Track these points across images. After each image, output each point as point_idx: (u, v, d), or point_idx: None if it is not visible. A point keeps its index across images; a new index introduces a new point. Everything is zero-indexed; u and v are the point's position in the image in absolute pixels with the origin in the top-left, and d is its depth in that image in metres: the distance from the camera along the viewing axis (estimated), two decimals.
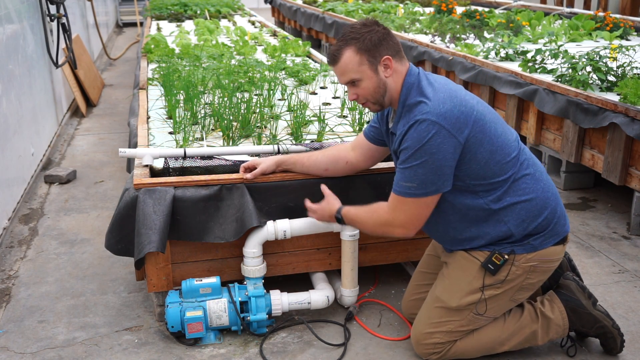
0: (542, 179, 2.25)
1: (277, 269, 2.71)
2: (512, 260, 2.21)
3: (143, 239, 2.39)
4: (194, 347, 2.49)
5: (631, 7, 10.62)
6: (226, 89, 3.63)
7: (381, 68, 2.19)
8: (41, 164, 4.51)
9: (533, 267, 2.23)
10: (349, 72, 2.19)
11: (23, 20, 4.48)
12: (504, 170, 2.16)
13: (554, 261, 2.28)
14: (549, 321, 2.35)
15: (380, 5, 8.93)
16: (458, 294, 2.28)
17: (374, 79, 2.19)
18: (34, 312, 2.75)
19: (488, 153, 2.13)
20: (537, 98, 4.25)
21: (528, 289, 2.29)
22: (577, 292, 2.37)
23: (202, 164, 2.65)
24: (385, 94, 2.22)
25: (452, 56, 5.52)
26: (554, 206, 2.24)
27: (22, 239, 3.47)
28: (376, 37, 2.17)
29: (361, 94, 2.23)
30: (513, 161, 2.18)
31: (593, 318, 2.35)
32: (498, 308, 2.29)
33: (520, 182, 2.19)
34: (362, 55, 2.17)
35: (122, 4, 13.72)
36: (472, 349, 2.34)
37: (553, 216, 2.23)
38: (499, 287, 2.24)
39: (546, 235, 2.22)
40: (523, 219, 2.19)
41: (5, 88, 3.78)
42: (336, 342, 2.51)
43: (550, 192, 2.24)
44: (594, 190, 4.21)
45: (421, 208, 2.17)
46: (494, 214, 2.20)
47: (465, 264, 2.28)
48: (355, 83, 2.22)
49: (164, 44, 5.68)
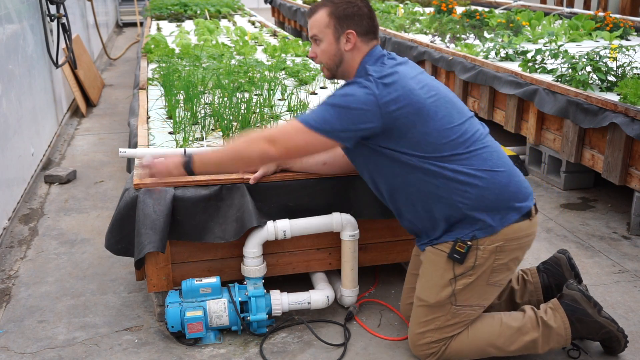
0: (491, 158, 2.23)
1: (277, 269, 2.71)
2: (475, 245, 2.21)
3: (143, 239, 2.39)
4: (194, 347, 2.49)
5: (631, 7, 10.62)
6: (226, 89, 3.63)
7: (343, 39, 2.30)
8: (41, 164, 4.51)
9: (499, 247, 2.21)
10: (314, 28, 2.33)
11: (23, 20, 4.48)
12: (443, 149, 2.18)
13: (522, 238, 2.25)
14: (550, 330, 2.31)
15: (380, 5, 8.93)
16: (434, 289, 2.29)
17: (333, 45, 2.31)
18: (34, 312, 2.75)
19: (421, 135, 2.17)
20: (537, 98, 4.25)
21: (503, 270, 2.27)
22: (583, 302, 2.34)
23: None
24: (340, 65, 2.33)
25: (452, 56, 5.52)
26: (505, 183, 2.21)
27: (22, 239, 3.47)
28: (351, 10, 2.29)
29: (319, 54, 2.34)
30: (454, 142, 2.19)
31: (599, 325, 2.33)
32: (477, 295, 2.27)
33: (465, 160, 2.19)
34: (331, 19, 2.29)
35: (122, 4, 13.72)
36: (467, 349, 2.31)
37: (503, 193, 2.20)
38: (471, 275, 2.24)
39: (502, 213, 2.20)
40: (470, 197, 2.19)
41: (5, 88, 3.78)
42: (336, 342, 2.51)
43: (501, 171, 2.22)
44: (594, 190, 4.21)
45: (303, 140, 2.20)
46: (440, 191, 2.20)
47: (434, 258, 2.29)
48: (317, 42, 2.34)
49: (164, 44, 5.68)
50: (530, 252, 3.31)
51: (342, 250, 2.64)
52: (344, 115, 2.16)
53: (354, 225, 2.61)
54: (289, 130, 2.24)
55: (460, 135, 2.21)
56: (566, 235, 3.53)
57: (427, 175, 2.20)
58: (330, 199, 2.62)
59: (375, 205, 2.63)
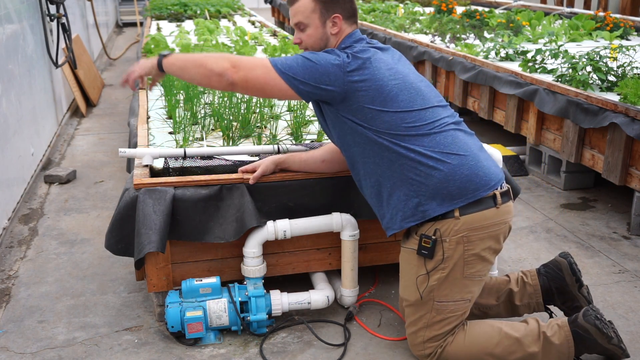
0: (446, 142, 2.23)
1: (277, 269, 2.71)
2: (440, 238, 2.21)
3: (143, 239, 2.39)
4: (194, 347, 2.49)
5: (631, 7, 10.62)
6: None
7: (329, 23, 2.35)
8: (41, 164, 4.51)
9: (465, 237, 2.20)
10: (299, 15, 2.36)
11: (23, 20, 4.48)
12: (397, 129, 2.22)
13: (490, 226, 2.23)
14: (551, 347, 2.25)
15: (380, 5, 8.92)
16: (412, 287, 2.30)
17: (319, 29, 2.35)
18: (34, 312, 2.75)
19: (376, 112, 2.22)
20: (537, 98, 4.25)
21: (477, 261, 2.24)
22: (596, 335, 2.24)
23: (202, 164, 2.65)
24: (325, 47, 2.37)
25: (452, 56, 5.52)
26: (456, 165, 2.20)
27: (22, 239, 3.47)
28: None
29: (304, 40, 2.38)
30: (409, 125, 2.22)
31: (603, 349, 2.27)
32: (457, 289, 2.26)
33: (416, 140, 2.22)
34: (316, 4, 2.33)
35: (122, 4, 13.72)
36: (463, 354, 2.28)
37: (453, 175, 2.20)
38: (444, 268, 2.23)
39: (452, 196, 2.19)
40: (420, 174, 2.20)
41: (5, 88, 3.78)
42: (336, 342, 2.51)
43: (454, 154, 2.22)
44: (594, 190, 4.21)
45: (263, 77, 2.24)
46: (394, 165, 2.23)
47: (407, 256, 2.31)
48: (302, 28, 2.37)
49: (164, 44, 5.68)
50: (530, 252, 3.31)
51: (342, 250, 2.64)
52: (310, 69, 2.23)
53: (354, 225, 2.61)
54: (255, 63, 2.27)
55: (417, 120, 2.24)
56: (566, 235, 3.53)
57: (381, 149, 2.25)
58: (330, 199, 2.62)
59: None
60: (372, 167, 2.29)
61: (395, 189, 2.26)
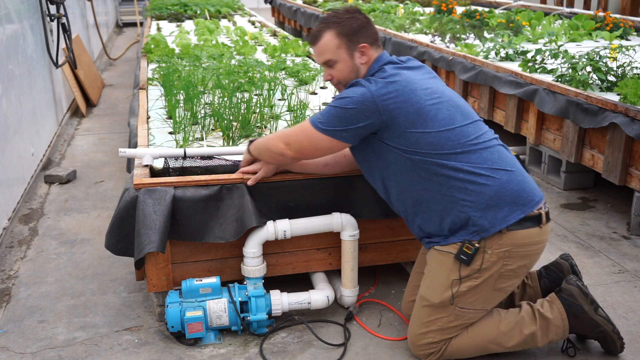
0: (492, 158, 2.24)
1: (277, 269, 2.71)
2: (483, 248, 2.21)
3: (143, 239, 2.39)
4: (194, 347, 2.49)
5: (631, 7, 10.62)
6: (226, 89, 3.63)
7: (357, 54, 2.35)
8: (41, 164, 4.51)
9: (507, 252, 2.21)
10: (326, 53, 2.35)
11: (23, 20, 4.48)
12: (442, 148, 2.21)
13: (532, 245, 2.24)
14: (547, 322, 2.33)
15: (380, 5, 8.92)
16: (439, 289, 2.28)
17: (348, 63, 2.35)
18: (34, 312, 2.75)
19: (420, 134, 2.21)
20: (537, 98, 4.25)
21: (510, 277, 2.27)
22: (580, 297, 2.35)
23: (202, 164, 2.65)
24: (357, 77, 2.36)
25: (452, 56, 5.52)
26: (505, 181, 2.21)
27: (22, 239, 3.47)
28: (356, 24, 2.34)
29: (335, 75, 2.39)
30: (454, 142, 2.21)
31: (594, 323, 2.34)
32: (482, 299, 2.28)
33: (463, 157, 2.21)
34: (341, 39, 2.33)
35: (122, 4, 13.72)
36: (467, 347, 2.33)
37: (504, 191, 2.20)
38: (477, 277, 2.24)
39: (503, 212, 2.19)
40: (470, 194, 2.19)
41: (5, 88, 3.78)
42: (336, 342, 2.51)
43: (501, 170, 2.23)
44: (594, 190, 4.21)
45: (310, 142, 2.32)
46: (443, 189, 2.22)
47: (441, 258, 2.29)
48: (331, 64, 2.37)
49: (164, 44, 5.68)
50: None
51: (342, 250, 2.64)
52: (343, 115, 2.24)
53: (354, 225, 2.61)
54: (298, 132, 2.36)
55: (461, 136, 2.23)
56: (566, 235, 3.53)
57: (429, 174, 2.23)
58: (330, 199, 2.62)
59: (375, 205, 2.63)
60: (421, 193, 2.27)
61: (446, 212, 2.25)
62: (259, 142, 2.50)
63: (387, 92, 2.22)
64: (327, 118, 2.27)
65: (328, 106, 2.30)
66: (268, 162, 2.50)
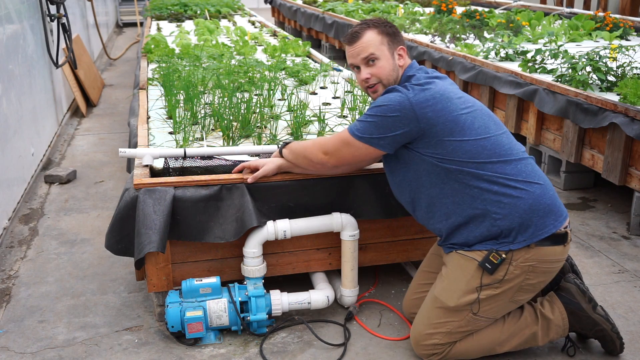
0: (526, 170, 2.24)
1: (277, 269, 2.71)
2: (509, 260, 2.21)
3: (143, 239, 2.39)
4: (194, 347, 2.49)
5: (631, 7, 10.62)
6: (226, 89, 3.63)
7: (396, 55, 2.37)
8: (41, 164, 4.51)
9: (532, 267, 2.22)
10: (370, 48, 2.34)
11: (23, 20, 4.48)
12: (479, 156, 2.21)
13: (554, 262, 2.26)
14: (548, 322, 2.34)
15: (380, 5, 8.93)
16: (456, 294, 2.28)
17: (390, 61, 2.36)
18: (34, 312, 2.75)
19: (458, 142, 2.21)
20: (537, 98, 4.25)
21: (528, 290, 2.28)
22: (578, 295, 2.37)
23: (202, 164, 2.65)
24: (397, 79, 2.37)
25: (452, 56, 5.52)
26: (539, 194, 2.21)
27: (22, 239, 3.47)
28: (393, 29, 2.41)
29: (376, 73, 2.36)
30: (490, 151, 2.21)
31: (592, 321, 2.35)
32: (497, 309, 2.29)
33: (499, 169, 2.21)
34: (383, 36, 2.36)
35: (122, 4, 13.72)
36: (472, 349, 2.33)
37: (537, 204, 2.20)
38: (497, 287, 2.24)
39: (535, 226, 2.19)
40: (504, 207, 2.19)
41: (5, 88, 3.78)
42: (336, 342, 2.51)
43: (535, 183, 2.23)
44: (594, 190, 4.21)
45: (349, 150, 2.33)
46: (476, 202, 2.21)
47: (463, 263, 2.28)
48: (373, 61, 2.35)
49: (164, 44, 5.68)
50: None
51: (342, 250, 2.64)
52: (380, 122, 2.24)
53: (354, 225, 2.61)
54: (336, 141, 2.37)
55: (496, 146, 2.23)
56: None
57: (462, 186, 2.23)
58: (330, 199, 2.62)
59: (375, 205, 2.63)
60: (452, 206, 2.27)
61: (477, 225, 2.24)
62: (296, 148, 2.49)
63: (425, 99, 2.21)
64: (365, 126, 2.27)
65: (365, 114, 2.30)
66: (305, 168, 2.51)
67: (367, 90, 2.42)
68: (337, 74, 4.58)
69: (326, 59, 5.22)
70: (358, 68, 2.39)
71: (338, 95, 4.00)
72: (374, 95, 2.40)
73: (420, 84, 2.26)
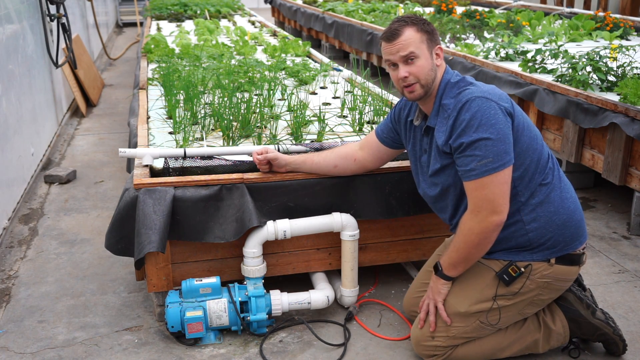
0: (562, 185, 2.25)
1: (277, 269, 2.71)
2: (527, 274, 2.21)
3: (143, 239, 2.39)
4: (194, 347, 2.49)
5: (631, 7, 10.62)
6: (226, 89, 3.63)
7: (434, 54, 2.26)
8: (41, 164, 4.51)
9: (547, 283, 2.22)
10: (410, 46, 2.20)
11: (23, 20, 4.48)
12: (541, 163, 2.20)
13: (567, 281, 2.28)
14: (550, 331, 2.35)
15: (380, 5, 8.93)
16: (468, 300, 2.26)
17: (429, 60, 2.24)
18: (34, 312, 2.75)
19: (528, 139, 2.17)
20: (537, 98, 4.25)
21: (537, 305, 2.29)
22: (576, 303, 2.37)
23: (202, 164, 2.65)
24: (434, 80, 2.25)
25: (452, 56, 5.52)
26: (573, 209, 2.23)
27: (22, 239, 3.47)
28: (431, 28, 2.28)
29: (414, 72, 2.22)
30: (539, 160, 2.20)
31: (593, 327, 2.35)
32: (506, 319, 2.29)
33: (543, 179, 2.20)
34: (422, 35, 2.23)
35: (122, 4, 13.72)
36: (473, 354, 2.32)
37: (570, 220, 2.21)
38: (510, 299, 2.24)
39: (564, 242, 2.21)
40: (539, 220, 2.18)
41: (5, 88, 3.78)
42: (336, 342, 2.51)
43: (571, 198, 2.25)
44: (594, 190, 4.21)
45: (502, 185, 2.11)
46: (514, 215, 2.18)
47: (480, 270, 2.27)
48: (412, 60, 2.22)
49: (164, 44, 5.68)
50: None
51: (342, 250, 2.64)
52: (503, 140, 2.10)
53: (354, 225, 2.61)
54: (493, 189, 2.11)
55: (542, 155, 2.21)
56: None
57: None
58: (330, 199, 2.62)
59: (375, 205, 2.63)
60: None
61: (510, 235, 2.22)
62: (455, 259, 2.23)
63: (509, 104, 2.16)
64: (493, 151, 2.08)
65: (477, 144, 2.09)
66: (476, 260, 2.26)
67: (403, 89, 2.26)
68: (337, 74, 4.58)
69: (326, 59, 5.21)
70: (394, 65, 2.25)
71: (338, 95, 4.00)
72: (410, 95, 2.26)
73: (487, 89, 2.17)
